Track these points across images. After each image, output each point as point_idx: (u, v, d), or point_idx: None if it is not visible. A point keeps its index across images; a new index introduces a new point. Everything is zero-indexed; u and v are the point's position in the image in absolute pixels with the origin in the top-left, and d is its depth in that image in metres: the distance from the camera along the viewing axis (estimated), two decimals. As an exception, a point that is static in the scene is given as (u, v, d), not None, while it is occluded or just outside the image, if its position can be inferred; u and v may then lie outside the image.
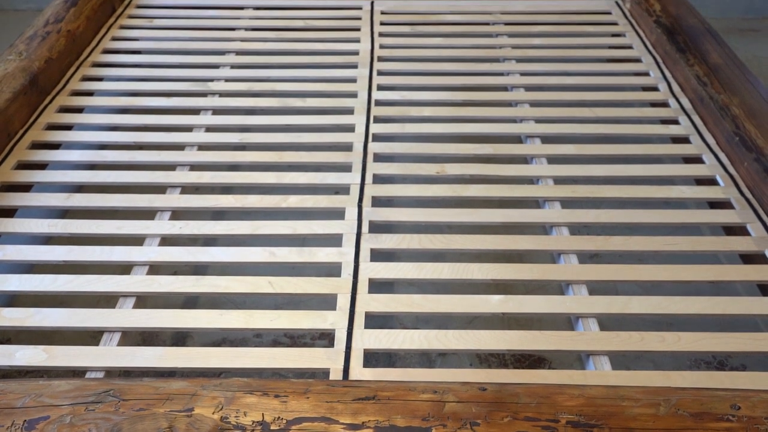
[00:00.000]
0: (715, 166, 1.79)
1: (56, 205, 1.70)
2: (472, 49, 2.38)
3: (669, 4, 2.37)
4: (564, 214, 1.65)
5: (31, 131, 1.91)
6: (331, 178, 1.77)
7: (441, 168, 1.81)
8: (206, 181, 1.78)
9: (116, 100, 2.14)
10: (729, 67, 1.99)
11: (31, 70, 1.98)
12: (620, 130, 1.97)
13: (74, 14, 2.29)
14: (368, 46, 2.37)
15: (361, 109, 2.03)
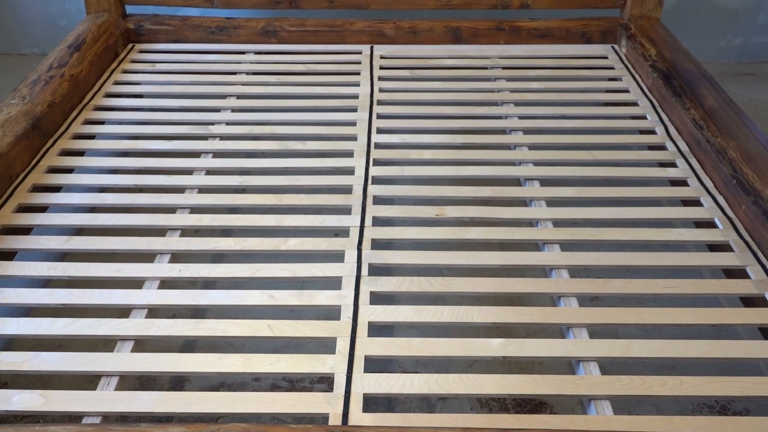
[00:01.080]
0: (714, 209, 1.80)
1: (56, 248, 1.70)
2: (470, 93, 2.41)
3: (664, 49, 2.40)
4: (564, 257, 1.65)
5: (32, 174, 1.92)
6: (331, 221, 1.77)
7: (440, 210, 1.81)
8: (206, 223, 1.78)
9: (117, 143, 2.15)
10: (725, 111, 2.01)
11: (33, 114, 2.00)
12: (619, 173, 1.98)
13: (77, 59, 2.32)
14: (368, 90, 2.39)
15: (361, 152, 2.04)
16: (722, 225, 1.74)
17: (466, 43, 2.72)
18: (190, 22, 2.71)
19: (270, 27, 2.70)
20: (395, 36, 2.71)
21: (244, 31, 2.71)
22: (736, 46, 3.29)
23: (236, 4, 2.68)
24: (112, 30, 2.59)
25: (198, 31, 2.71)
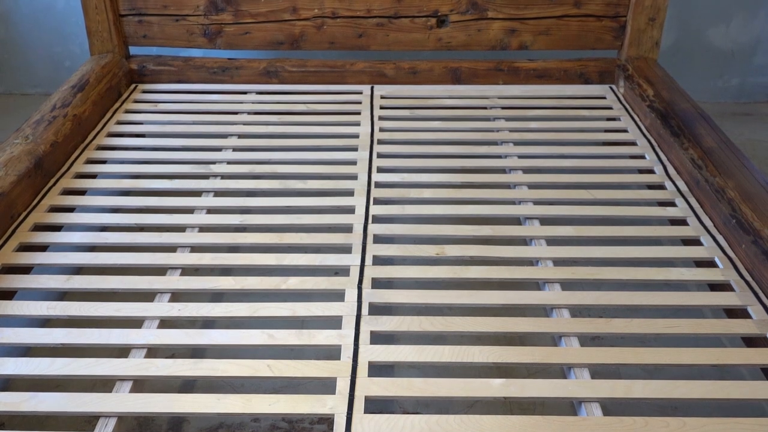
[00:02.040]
0: (714, 248, 1.80)
1: (56, 288, 1.69)
2: (470, 132, 2.43)
3: (662, 90, 2.43)
4: (564, 296, 1.65)
5: (33, 213, 1.93)
6: (331, 260, 1.77)
7: (441, 249, 1.82)
8: (206, 262, 1.78)
9: (119, 183, 2.16)
10: (723, 151, 2.02)
11: (36, 154, 2.01)
12: (618, 212, 1.99)
13: (81, 99, 2.34)
14: (368, 129, 2.41)
15: (362, 191, 2.05)
16: (722, 264, 1.74)
17: (466, 83, 2.75)
18: (193, 63, 2.75)
19: (272, 67, 2.73)
20: (395, 76, 2.74)
21: (246, 71, 2.74)
22: (733, 86, 3.32)
23: (238, 45, 2.72)
24: (116, 71, 2.62)
25: (200, 72, 2.74)
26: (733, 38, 3.21)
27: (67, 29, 3.21)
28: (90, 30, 2.66)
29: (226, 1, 2.64)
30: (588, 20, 2.67)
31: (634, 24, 2.63)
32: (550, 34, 2.69)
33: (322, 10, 2.65)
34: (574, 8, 2.64)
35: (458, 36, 2.69)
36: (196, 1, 2.64)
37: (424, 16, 2.66)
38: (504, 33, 2.69)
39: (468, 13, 2.65)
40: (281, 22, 2.68)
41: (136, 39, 2.72)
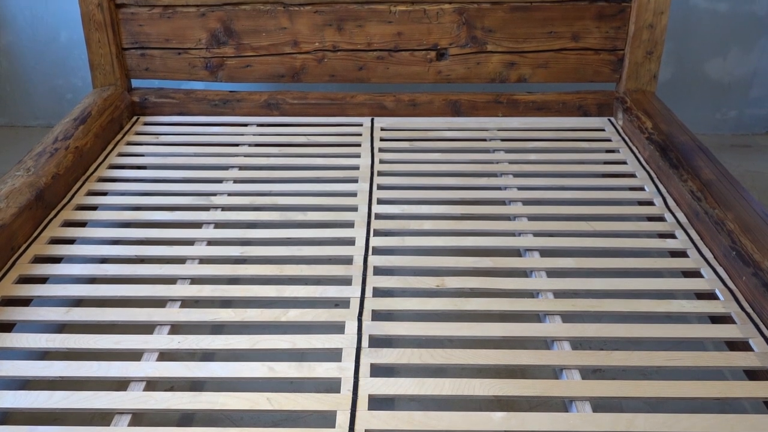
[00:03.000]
0: (714, 281, 1.80)
1: (55, 320, 1.69)
2: (470, 164, 2.44)
3: (660, 122, 2.45)
4: (565, 329, 1.65)
5: (34, 245, 1.93)
6: (331, 292, 1.77)
7: (441, 281, 1.81)
8: (206, 294, 1.78)
9: (119, 214, 2.16)
10: (722, 183, 2.03)
11: (37, 186, 2.02)
12: (618, 244, 1.99)
13: (83, 132, 2.36)
14: (368, 161, 2.42)
15: (362, 223, 2.05)
16: (723, 296, 1.74)
17: (465, 116, 2.77)
18: (195, 95, 2.77)
19: (272, 100, 2.75)
20: (395, 108, 2.77)
21: (247, 103, 2.76)
22: (731, 118, 3.34)
23: (240, 77, 2.74)
24: (118, 103, 2.64)
25: (202, 104, 2.76)
26: (730, 71, 3.24)
27: (69, 62, 3.24)
28: (93, 63, 2.69)
29: (228, 35, 2.67)
30: (586, 53, 2.69)
31: (632, 57, 2.66)
32: (548, 67, 2.72)
33: (322, 44, 2.68)
34: (572, 42, 2.67)
35: (458, 69, 2.72)
36: (198, 35, 2.67)
37: (424, 50, 2.69)
38: (503, 66, 2.71)
39: (467, 46, 2.68)
40: (282, 56, 2.71)
41: (138, 72, 2.75)
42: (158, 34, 2.67)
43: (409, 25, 2.65)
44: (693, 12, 3.11)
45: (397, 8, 2.63)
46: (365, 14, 2.64)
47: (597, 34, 2.66)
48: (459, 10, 2.62)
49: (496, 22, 2.64)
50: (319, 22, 2.65)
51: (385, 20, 2.64)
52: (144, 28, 2.66)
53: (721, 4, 3.10)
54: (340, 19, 2.64)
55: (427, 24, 2.65)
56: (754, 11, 3.11)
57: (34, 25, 3.17)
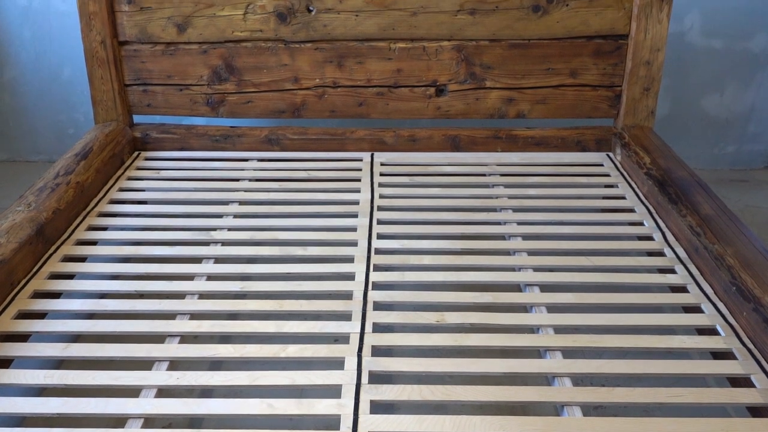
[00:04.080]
0: (715, 316, 1.80)
1: (53, 356, 1.68)
2: (469, 199, 2.45)
3: (658, 157, 2.46)
4: (566, 364, 1.64)
5: (33, 280, 1.93)
6: (331, 327, 1.76)
7: (441, 317, 1.81)
8: (205, 330, 1.77)
9: (119, 249, 2.17)
10: (721, 218, 2.03)
11: (38, 221, 2.02)
12: (618, 279, 1.98)
13: (84, 167, 2.37)
14: (368, 196, 2.43)
15: (362, 258, 2.05)
16: (724, 332, 1.73)
17: (465, 151, 2.78)
18: (196, 131, 2.79)
19: (273, 135, 2.77)
20: (395, 144, 2.78)
21: (247, 139, 2.78)
22: (729, 153, 3.36)
23: (241, 113, 2.77)
24: (119, 139, 2.66)
25: (203, 139, 2.78)
26: (727, 107, 3.27)
27: (72, 98, 3.27)
28: (95, 99, 2.71)
29: (230, 72, 2.69)
30: (584, 90, 2.72)
31: (629, 93, 2.68)
32: (547, 103, 2.74)
33: (323, 80, 2.71)
34: (570, 78, 2.70)
35: (457, 105, 2.74)
36: (200, 72, 2.70)
37: (423, 86, 2.72)
38: (502, 102, 2.74)
39: (466, 82, 2.71)
40: (283, 92, 2.73)
41: (140, 108, 2.77)
42: (160, 70, 2.70)
43: (408, 61, 2.68)
44: (689, 49, 3.15)
45: (396, 45, 2.66)
46: (365, 51, 2.67)
47: (595, 70, 2.69)
48: (458, 47, 2.65)
49: (494, 59, 2.67)
50: (319, 58, 2.68)
51: (384, 57, 2.67)
52: (146, 64, 2.69)
53: (716, 41, 3.14)
54: (341, 56, 2.67)
55: (427, 61, 2.68)
56: (749, 48, 3.15)
57: (38, 61, 3.21)
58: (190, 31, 2.64)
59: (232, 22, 2.63)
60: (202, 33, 2.64)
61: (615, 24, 2.62)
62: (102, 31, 2.60)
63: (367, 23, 2.63)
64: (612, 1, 2.59)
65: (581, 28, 2.63)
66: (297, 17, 2.62)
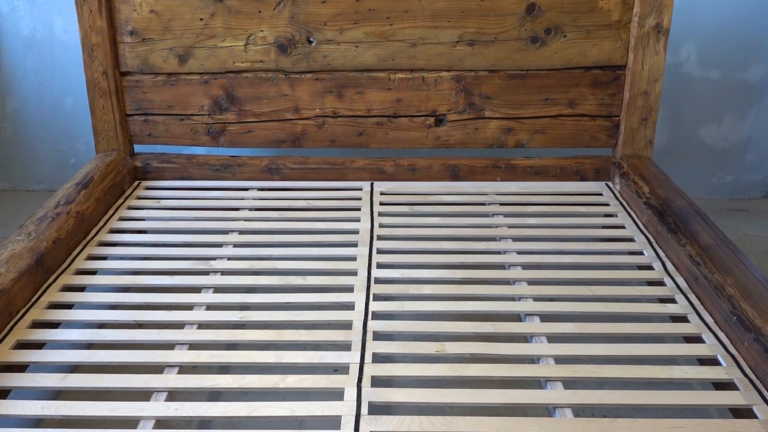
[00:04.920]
0: (716, 346, 1.79)
1: (51, 386, 1.67)
2: (469, 228, 2.45)
3: (657, 187, 2.47)
4: (567, 395, 1.63)
5: (32, 310, 1.92)
6: (330, 357, 1.75)
7: (441, 347, 1.80)
8: (204, 360, 1.76)
9: (119, 279, 2.16)
10: (720, 247, 2.04)
11: (38, 250, 2.02)
12: (619, 309, 1.98)
13: (84, 196, 2.38)
14: (368, 226, 2.43)
15: (361, 287, 2.05)
16: (725, 362, 1.73)
17: (464, 180, 2.79)
18: (196, 160, 2.80)
19: (273, 165, 2.79)
20: (395, 173, 2.79)
21: (248, 168, 2.79)
22: (727, 183, 3.38)
23: (241, 143, 2.78)
24: (120, 168, 2.67)
25: (203, 169, 2.79)
26: (725, 137, 3.29)
27: (73, 128, 3.29)
28: (96, 129, 2.73)
29: (230, 102, 2.71)
30: (582, 120, 2.74)
31: (628, 123, 2.70)
32: (545, 132, 2.76)
33: (323, 110, 2.73)
34: (568, 108, 2.72)
35: (456, 134, 2.76)
36: (201, 102, 2.72)
37: (423, 116, 2.74)
38: (501, 132, 2.75)
39: (465, 112, 2.73)
40: (283, 121, 2.75)
41: (141, 138, 2.78)
42: (161, 100, 2.72)
43: (408, 92, 2.70)
44: (686, 79, 3.18)
45: (396, 76, 2.69)
46: (365, 81, 2.69)
47: (593, 100, 2.71)
48: (457, 77, 2.68)
49: (493, 89, 2.69)
50: (319, 89, 2.70)
51: (384, 87, 2.69)
52: (148, 95, 2.71)
53: (713, 71, 3.17)
54: (341, 86, 2.69)
55: (426, 91, 2.70)
56: (746, 78, 3.18)
57: (41, 92, 3.23)
58: (191, 62, 2.67)
59: (233, 53, 2.65)
60: (203, 64, 2.67)
61: (612, 55, 2.65)
62: (104, 62, 2.63)
63: (367, 54, 2.65)
64: (609, 33, 2.62)
65: (579, 59, 2.65)
66: (297, 48, 2.65)
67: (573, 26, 2.61)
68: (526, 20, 2.60)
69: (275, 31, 2.62)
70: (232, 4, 2.59)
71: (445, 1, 2.58)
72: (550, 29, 2.62)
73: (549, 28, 2.61)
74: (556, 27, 2.61)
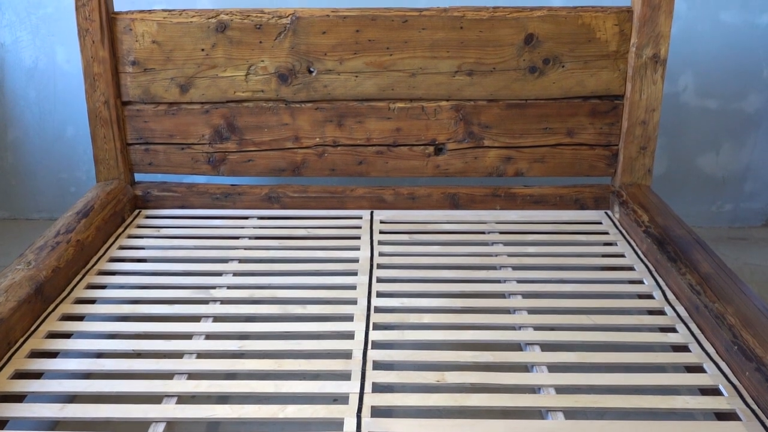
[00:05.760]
0: (717, 376, 1.78)
1: (49, 417, 1.66)
2: (469, 257, 2.45)
3: (656, 215, 2.47)
4: (568, 426, 1.61)
5: (31, 339, 1.91)
6: (330, 387, 1.74)
7: (441, 376, 1.79)
8: (203, 390, 1.75)
9: (118, 308, 2.16)
10: (720, 276, 2.04)
11: (37, 279, 2.02)
12: (620, 338, 1.97)
13: (85, 225, 2.38)
14: (368, 254, 2.43)
15: (361, 316, 2.05)
16: (727, 392, 1.72)
17: (464, 209, 2.80)
18: (196, 189, 2.81)
19: (273, 193, 2.79)
20: (394, 201, 2.80)
21: (248, 197, 2.80)
22: (726, 211, 3.38)
23: (241, 172, 2.79)
24: (120, 197, 2.68)
25: (204, 198, 2.80)
26: (723, 166, 3.30)
27: (74, 157, 3.31)
28: (97, 158, 2.74)
29: (231, 131, 2.73)
30: (581, 149, 2.75)
31: (626, 152, 2.71)
32: (545, 161, 2.77)
33: (323, 139, 2.74)
34: (567, 137, 2.73)
35: (455, 163, 2.77)
36: (201, 131, 2.73)
37: (422, 145, 2.75)
38: (500, 160, 2.77)
39: (465, 141, 2.74)
40: (283, 150, 2.76)
41: (141, 166, 2.80)
42: (163, 130, 2.73)
43: (407, 121, 2.72)
44: (684, 109, 3.20)
45: (395, 105, 2.70)
46: (365, 111, 2.71)
47: (591, 130, 2.72)
48: (456, 107, 2.70)
49: (492, 119, 2.71)
50: (319, 118, 2.72)
51: (384, 116, 2.71)
52: (149, 124, 2.73)
53: (710, 101, 3.19)
54: (341, 115, 2.71)
55: (425, 120, 2.72)
56: (743, 108, 3.20)
57: (42, 120, 3.25)
58: (192, 92, 2.69)
59: (234, 82, 2.67)
60: (204, 93, 2.69)
61: (610, 85, 2.67)
62: (106, 92, 2.65)
63: (367, 84, 2.67)
64: (607, 63, 2.64)
65: (577, 88, 2.67)
66: (298, 78, 2.67)
67: (571, 56, 2.63)
68: (525, 51, 2.63)
69: (276, 61, 2.65)
70: (234, 34, 2.62)
71: (444, 32, 2.61)
72: (549, 59, 2.64)
73: (547, 58, 2.64)
74: (554, 57, 2.64)
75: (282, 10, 2.61)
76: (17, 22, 3.12)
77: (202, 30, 2.61)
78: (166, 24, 2.61)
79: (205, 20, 2.60)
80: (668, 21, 2.56)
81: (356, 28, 2.61)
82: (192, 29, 2.61)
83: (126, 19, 2.61)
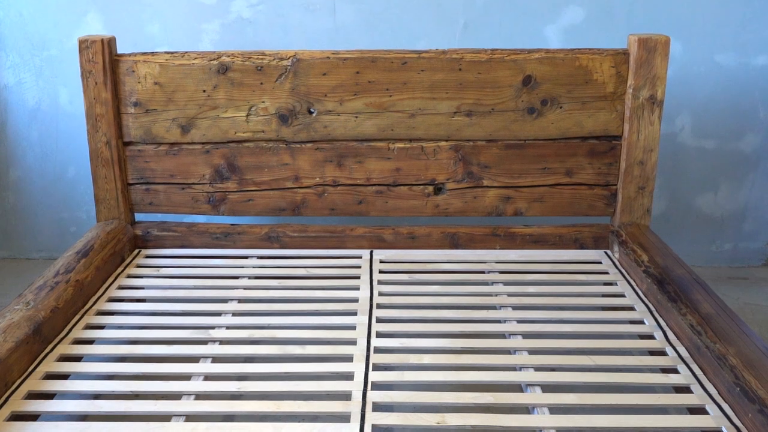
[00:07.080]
0: (720, 418, 1.76)
1: (44, 459, 1.64)
2: (468, 297, 2.44)
3: (656, 255, 2.47)
4: (570, 469, 1.60)
5: (28, 380, 1.90)
6: (329, 430, 1.72)
7: (441, 418, 1.77)
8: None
9: (116, 348, 2.15)
10: (721, 317, 2.03)
11: (36, 320, 2.01)
12: (621, 379, 1.96)
13: (84, 265, 2.38)
14: (367, 294, 2.43)
15: (361, 357, 2.03)
16: (731, 434, 1.70)
17: (463, 248, 2.80)
18: (196, 229, 2.81)
19: (273, 233, 2.80)
20: (394, 241, 2.80)
21: (248, 236, 2.80)
22: (726, 251, 3.38)
23: (241, 211, 2.80)
24: (120, 236, 2.68)
25: (203, 237, 2.80)
26: (722, 206, 3.31)
27: (75, 197, 3.32)
28: (98, 198, 2.75)
29: (231, 171, 2.74)
30: (580, 188, 2.76)
31: (625, 192, 2.72)
32: (544, 201, 2.78)
33: (323, 179, 2.76)
34: (565, 177, 2.75)
35: (455, 203, 2.78)
36: (202, 171, 2.74)
37: (422, 184, 2.76)
38: (499, 200, 2.78)
39: (464, 181, 2.75)
40: (283, 190, 2.77)
41: (142, 206, 2.80)
42: (163, 170, 2.75)
43: (407, 161, 2.73)
44: (681, 149, 3.22)
45: (395, 145, 2.72)
46: (365, 151, 2.72)
47: (590, 170, 2.74)
48: (455, 147, 2.71)
49: (491, 159, 2.73)
50: (320, 158, 2.73)
51: (384, 157, 2.73)
52: (150, 164, 2.74)
53: (708, 141, 3.22)
54: (341, 155, 2.73)
55: (425, 160, 2.73)
56: (740, 148, 3.22)
57: (44, 161, 3.27)
58: (193, 132, 2.71)
59: (235, 123, 2.70)
60: (205, 134, 2.71)
61: (608, 125, 2.69)
62: (108, 132, 2.67)
63: (367, 124, 2.70)
64: (604, 104, 2.67)
65: (575, 129, 2.70)
66: (298, 119, 2.69)
67: (568, 98, 2.66)
68: (523, 92, 2.66)
69: (276, 102, 2.67)
70: (235, 76, 2.65)
71: (443, 74, 2.64)
72: (546, 100, 2.67)
73: (545, 99, 2.67)
74: (552, 98, 2.66)
75: (283, 53, 2.64)
76: (21, 64, 3.16)
77: (204, 72, 2.64)
78: (169, 66, 2.64)
79: (207, 62, 2.64)
80: (664, 63, 2.59)
81: (356, 70, 2.64)
82: (194, 71, 2.64)
83: (129, 61, 2.64)
